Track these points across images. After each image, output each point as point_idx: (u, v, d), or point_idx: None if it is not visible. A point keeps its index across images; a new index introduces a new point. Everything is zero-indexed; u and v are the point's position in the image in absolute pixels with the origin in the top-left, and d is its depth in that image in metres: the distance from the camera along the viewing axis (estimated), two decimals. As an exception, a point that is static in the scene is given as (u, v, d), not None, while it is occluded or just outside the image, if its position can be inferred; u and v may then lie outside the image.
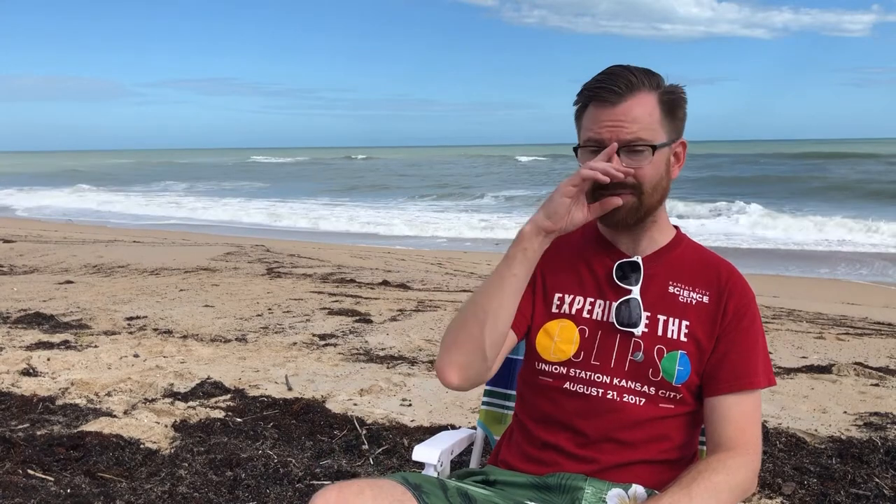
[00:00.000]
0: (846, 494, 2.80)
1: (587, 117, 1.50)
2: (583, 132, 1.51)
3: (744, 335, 1.51)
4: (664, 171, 1.49)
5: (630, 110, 1.44)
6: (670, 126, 1.49)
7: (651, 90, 1.47)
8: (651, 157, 1.46)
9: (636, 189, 1.46)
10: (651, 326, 1.51)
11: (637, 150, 1.45)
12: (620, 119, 1.44)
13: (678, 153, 1.53)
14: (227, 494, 2.77)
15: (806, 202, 21.93)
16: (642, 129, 1.45)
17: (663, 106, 1.48)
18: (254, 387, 4.12)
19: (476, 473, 1.57)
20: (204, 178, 43.59)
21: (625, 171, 1.44)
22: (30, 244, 12.42)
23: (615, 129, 1.44)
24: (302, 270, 9.39)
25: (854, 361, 4.89)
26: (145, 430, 3.38)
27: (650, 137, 1.45)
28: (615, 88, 1.44)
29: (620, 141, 1.44)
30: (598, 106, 1.47)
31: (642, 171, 1.45)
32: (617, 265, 1.54)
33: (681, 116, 1.51)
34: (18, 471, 2.90)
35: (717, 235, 16.02)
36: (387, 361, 4.77)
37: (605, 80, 1.46)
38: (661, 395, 1.49)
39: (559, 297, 1.57)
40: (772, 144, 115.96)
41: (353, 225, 19.79)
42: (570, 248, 1.62)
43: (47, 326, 5.66)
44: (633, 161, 1.45)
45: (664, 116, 1.48)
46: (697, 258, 1.59)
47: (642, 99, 1.46)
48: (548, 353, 1.54)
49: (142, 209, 25.66)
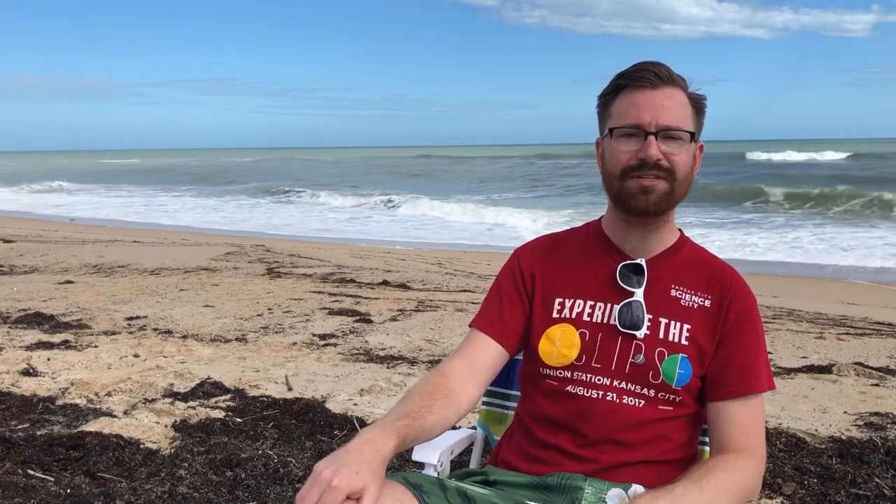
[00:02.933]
0: (846, 494, 2.80)
1: (621, 103, 1.50)
2: (616, 118, 1.50)
3: (747, 340, 1.51)
4: (691, 164, 1.51)
5: (670, 96, 1.47)
6: (697, 124, 1.52)
7: (683, 88, 1.50)
8: (687, 145, 1.48)
9: (670, 175, 1.47)
10: (653, 329, 1.51)
11: (674, 137, 1.46)
12: (663, 103, 1.46)
13: (696, 155, 1.54)
14: (227, 494, 2.77)
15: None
16: (680, 118, 1.47)
17: (693, 104, 1.51)
18: (254, 387, 4.12)
19: (476, 473, 1.57)
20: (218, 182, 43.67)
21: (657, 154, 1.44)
22: (30, 244, 12.42)
23: (656, 112, 1.45)
24: (302, 270, 9.39)
25: (854, 361, 4.90)
26: (145, 430, 3.38)
27: (687, 126, 1.48)
28: (657, 73, 1.46)
29: (660, 124, 1.45)
30: (636, 90, 1.47)
31: (678, 157, 1.47)
32: (620, 267, 1.54)
33: (702, 121, 1.54)
34: (18, 471, 2.89)
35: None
36: (387, 361, 4.77)
37: (645, 66, 1.48)
38: (660, 397, 1.49)
39: (559, 301, 1.57)
40: (772, 144, 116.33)
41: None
42: (571, 251, 1.62)
43: (47, 326, 5.65)
44: (669, 147, 1.46)
45: (694, 114, 1.51)
46: (700, 262, 1.59)
47: (677, 91, 1.49)
48: (550, 359, 1.54)
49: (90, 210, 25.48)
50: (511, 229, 18.02)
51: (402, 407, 1.44)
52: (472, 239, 16.72)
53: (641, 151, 1.45)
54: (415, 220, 21.21)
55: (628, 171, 1.47)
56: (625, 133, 1.48)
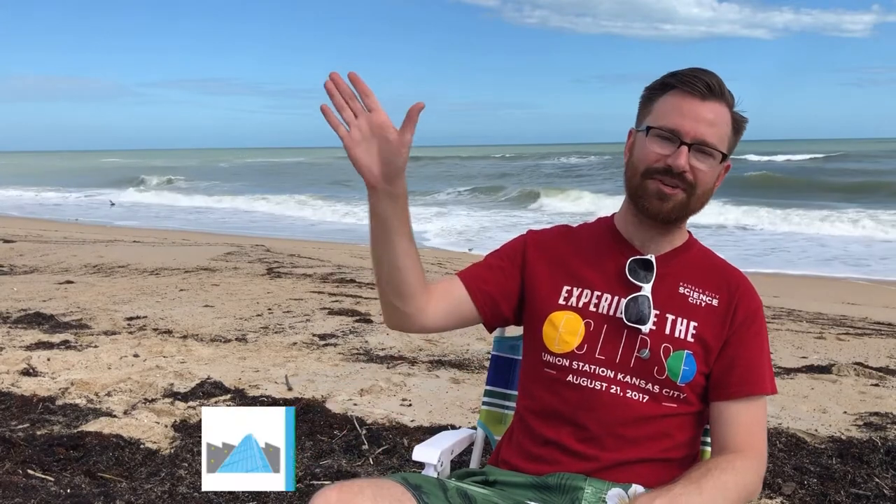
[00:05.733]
0: (846, 494, 2.80)
1: (666, 103, 1.49)
2: (657, 116, 1.49)
3: (752, 341, 1.52)
4: (714, 182, 1.52)
5: (715, 112, 1.47)
6: (731, 145, 1.52)
7: (729, 106, 1.50)
8: (716, 164, 1.48)
9: (691, 188, 1.48)
10: (659, 325, 1.51)
11: (706, 153, 1.47)
12: (706, 117, 1.46)
13: (721, 174, 1.55)
14: (227, 494, 2.77)
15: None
16: (718, 136, 1.47)
17: (734, 123, 1.51)
18: (254, 387, 4.12)
19: (476, 474, 1.57)
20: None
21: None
22: (30, 244, 12.41)
23: (697, 124, 1.45)
24: (302, 270, 9.39)
25: (854, 361, 4.90)
26: (145, 430, 3.38)
27: (721, 145, 1.48)
28: (709, 83, 1.46)
29: (697, 138, 1.45)
30: (683, 95, 1.47)
31: (703, 173, 1.47)
32: (630, 262, 1.55)
33: (738, 141, 1.54)
34: (18, 471, 2.90)
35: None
36: (387, 361, 4.77)
37: (700, 74, 1.47)
38: (664, 393, 1.49)
39: (567, 289, 1.57)
40: (773, 144, 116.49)
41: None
42: (582, 242, 1.63)
43: (47, 326, 5.65)
44: (699, 161, 1.46)
45: (732, 134, 1.51)
46: (709, 262, 1.60)
47: (723, 108, 1.48)
48: (552, 344, 1.54)
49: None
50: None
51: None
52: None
53: (671, 158, 1.46)
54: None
55: (652, 172, 1.48)
56: (660, 135, 1.47)
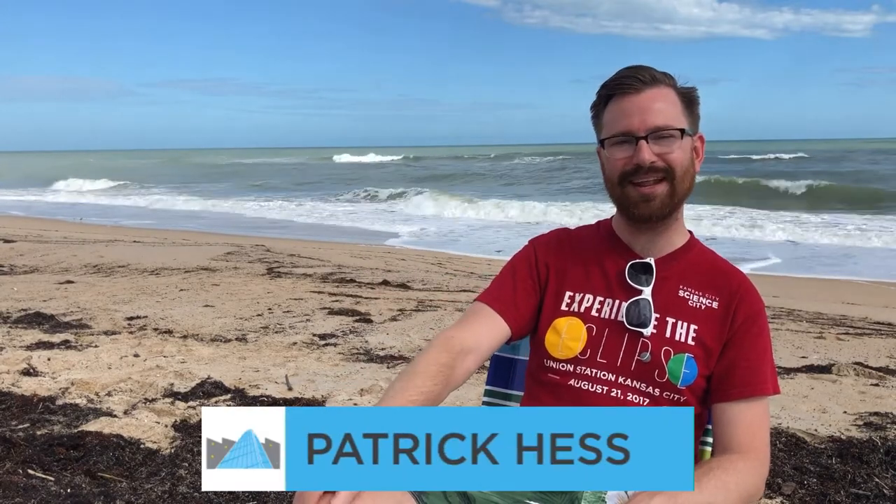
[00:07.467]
0: (846, 494, 2.80)
1: (611, 112, 1.52)
2: (607, 127, 1.52)
3: (754, 342, 1.52)
4: (691, 159, 1.52)
5: (655, 98, 1.48)
6: (690, 119, 1.52)
7: (669, 86, 1.51)
8: (680, 140, 1.49)
9: (668, 174, 1.48)
10: (659, 328, 1.52)
11: (665, 136, 1.48)
12: (649, 105, 1.47)
13: (697, 147, 1.56)
14: (227, 494, 2.77)
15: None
16: (668, 117, 1.48)
17: (682, 98, 1.52)
18: (254, 387, 4.12)
19: (476, 473, 1.57)
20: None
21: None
22: (30, 244, 12.41)
23: (643, 116, 1.47)
24: (302, 270, 9.39)
25: (854, 361, 4.90)
26: (145, 430, 3.38)
27: (677, 123, 1.49)
28: (639, 77, 1.48)
29: (648, 127, 1.47)
30: (622, 97, 1.49)
31: (673, 155, 1.48)
32: (629, 265, 1.55)
33: (697, 113, 1.55)
34: (18, 471, 2.90)
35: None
36: (387, 361, 4.77)
37: (627, 73, 1.50)
38: (665, 396, 1.50)
39: (570, 295, 1.58)
40: (770, 144, 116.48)
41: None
42: (582, 246, 1.64)
43: (47, 326, 5.65)
44: (662, 147, 1.48)
45: (684, 109, 1.52)
46: (709, 264, 1.60)
47: (663, 90, 1.50)
48: (556, 350, 1.55)
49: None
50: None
51: (402, 390, 1.40)
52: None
53: (635, 157, 1.48)
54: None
55: (626, 177, 1.50)
56: (616, 141, 1.50)
